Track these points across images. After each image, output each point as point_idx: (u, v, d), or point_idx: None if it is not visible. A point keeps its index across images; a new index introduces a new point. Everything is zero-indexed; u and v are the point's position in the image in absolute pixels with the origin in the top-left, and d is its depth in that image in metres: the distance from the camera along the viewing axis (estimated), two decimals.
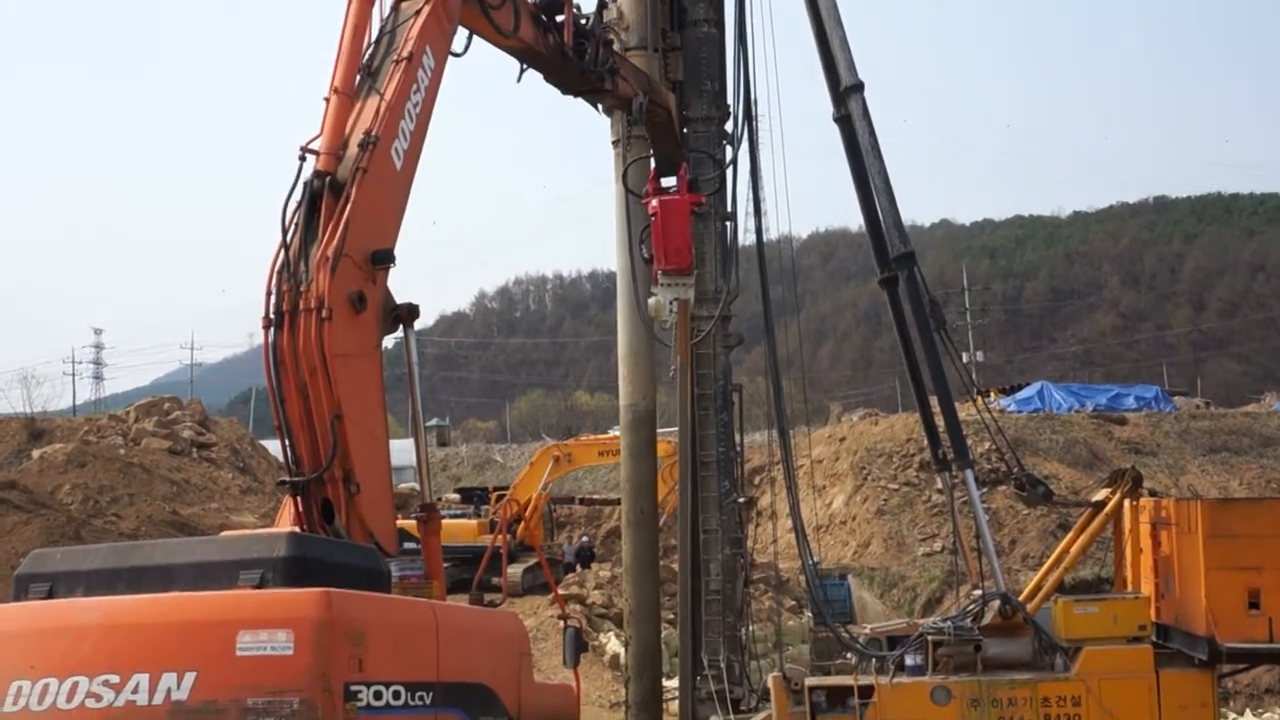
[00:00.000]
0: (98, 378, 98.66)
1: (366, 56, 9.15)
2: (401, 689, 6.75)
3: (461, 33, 10.26)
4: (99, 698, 6.36)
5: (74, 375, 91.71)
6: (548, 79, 12.91)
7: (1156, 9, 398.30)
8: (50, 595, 7.04)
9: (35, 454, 35.80)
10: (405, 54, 9.05)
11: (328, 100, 8.73)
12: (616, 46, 14.62)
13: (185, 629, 6.47)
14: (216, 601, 6.59)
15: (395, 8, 9.59)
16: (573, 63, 12.64)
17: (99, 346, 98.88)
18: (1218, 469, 43.54)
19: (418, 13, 9.39)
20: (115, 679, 6.38)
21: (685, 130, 16.80)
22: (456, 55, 10.04)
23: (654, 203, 13.01)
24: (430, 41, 9.35)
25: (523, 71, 12.38)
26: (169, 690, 6.30)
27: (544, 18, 12.10)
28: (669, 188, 13.42)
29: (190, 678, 6.31)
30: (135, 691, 6.32)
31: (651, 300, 13.22)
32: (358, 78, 8.99)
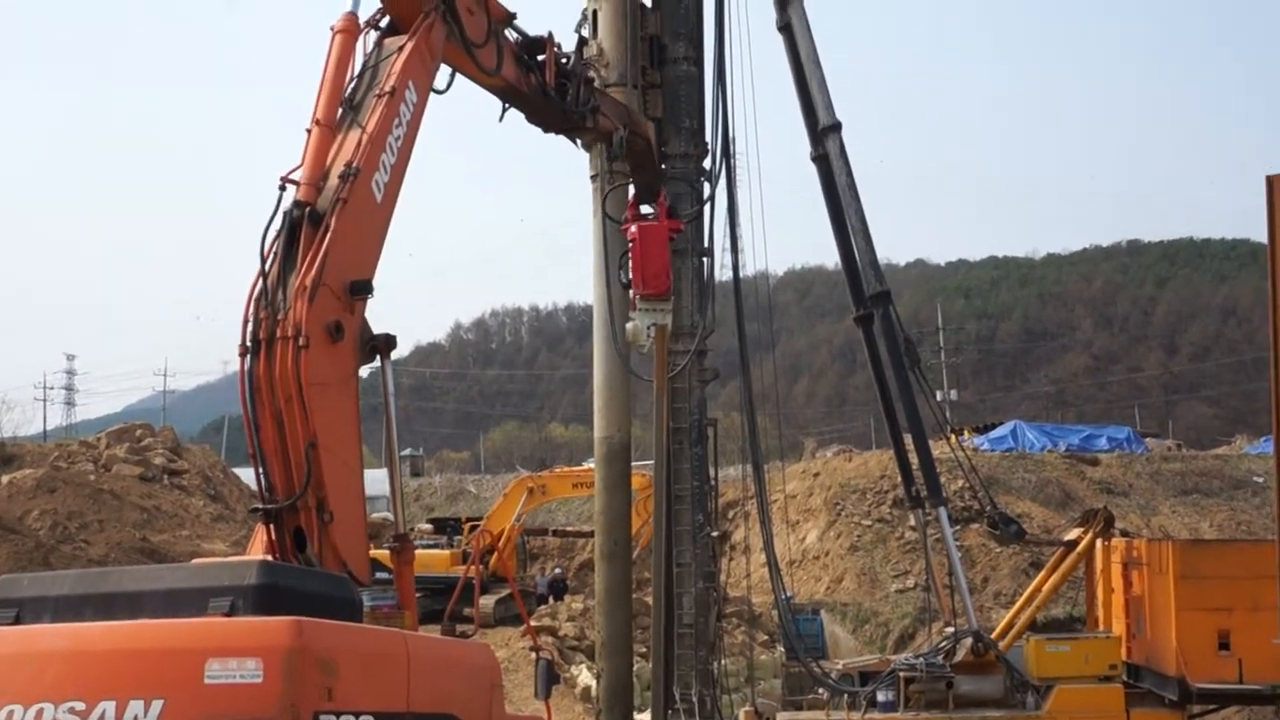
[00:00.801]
0: (69, 403, 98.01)
1: (349, 90, 9.20)
2: (371, 719, 6.73)
3: (445, 70, 10.33)
4: None
5: (45, 400, 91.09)
6: (530, 119, 12.99)
7: (1132, 58, 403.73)
8: (17, 621, 6.98)
9: (5, 479, 35.47)
10: (388, 88, 9.11)
11: (309, 131, 8.77)
12: (596, 83, 14.73)
13: (153, 656, 6.43)
14: (185, 629, 6.55)
15: (379, 43, 9.66)
16: (554, 102, 12.73)
17: (71, 372, 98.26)
18: (1189, 510, 43.80)
19: (401, 48, 9.46)
20: (81, 706, 6.33)
21: (664, 166, 16.92)
22: (439, 92, 10.10)
23: (633, 229, 13.11)
24: (413, 77, 9.41)
25: (505, 111, 12.46)
26: (135, 718, 6.25)
27: (526, 57, 12.18)
28: (648, 215, 13.52)
29: (157, 706, 6.26)
30: (101, 719, 6.28)
31: (629, 325, 13.28)
32: (340, 110, 9.05)
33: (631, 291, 13.24)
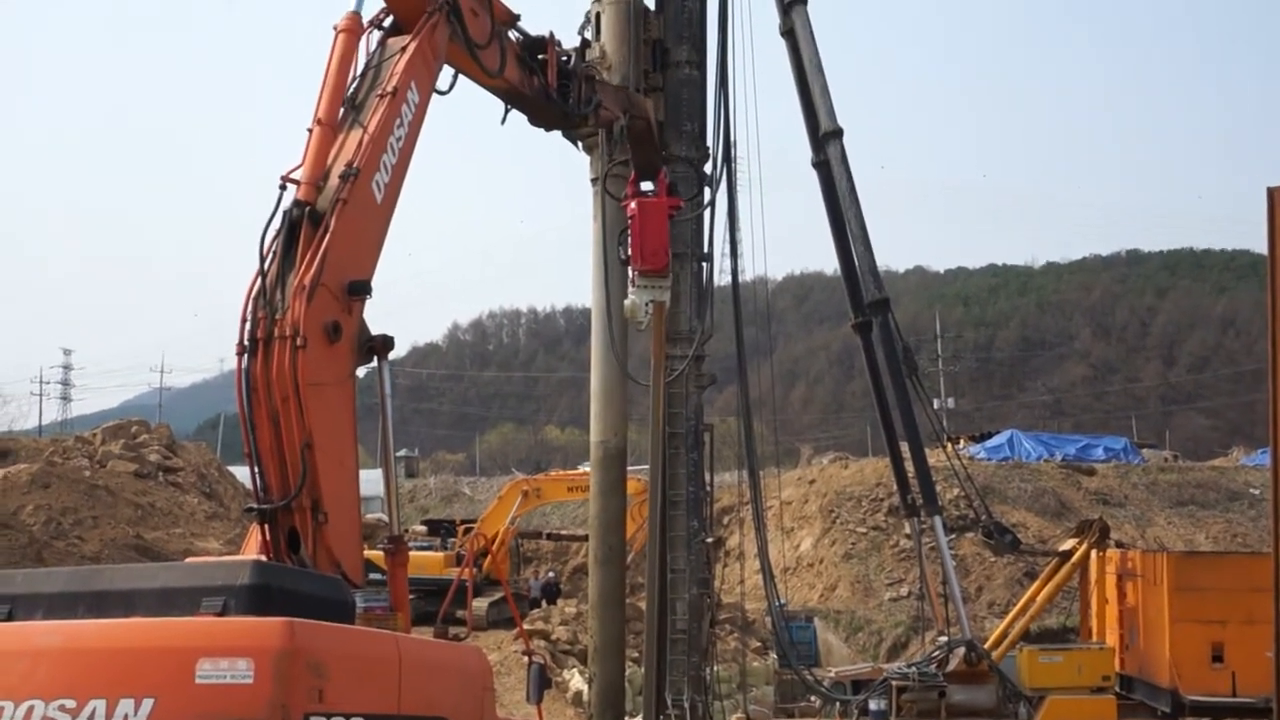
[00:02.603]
0: (65, 398, 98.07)
1: (351, 90, 9.18)
2: None
3: (447, 71, 10.32)
4: None
5: (41, 395, 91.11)
6: (532, 121, 12.96)
7: (1132, 65, 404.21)
8: (10, 618, 6.96)
9: None
10: (390, 89, 9.09)
11: (310, 131, 8.74)
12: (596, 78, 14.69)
13: (144, 655, 6.40)
14: (177, 628, 6.53)
15: (382, 43, 9.65)
16: (557, 104, 12.70)
17: (68, 367, 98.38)
18: (1184, 522, 43.83)
19: (404, 49, 9.44)
20: (71, 704, 6.31)
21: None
22: (441, 93, 10.08)
23: (632, 205, 13.08)
24: (415, 77, 9.40)
25: (507, 112, 12.43)
26: (125, 716, 6.22)
27: (528, 58, 12.15)
28: (648, 192, 13.51)
29: (148, 704, 6.24)
30: (91, 717, 6.26)
31: (627, 302, 13.23)
32: (341, 110, 9.02)
33: (630, 268, 13.20)
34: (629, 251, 13.14)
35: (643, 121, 15.40)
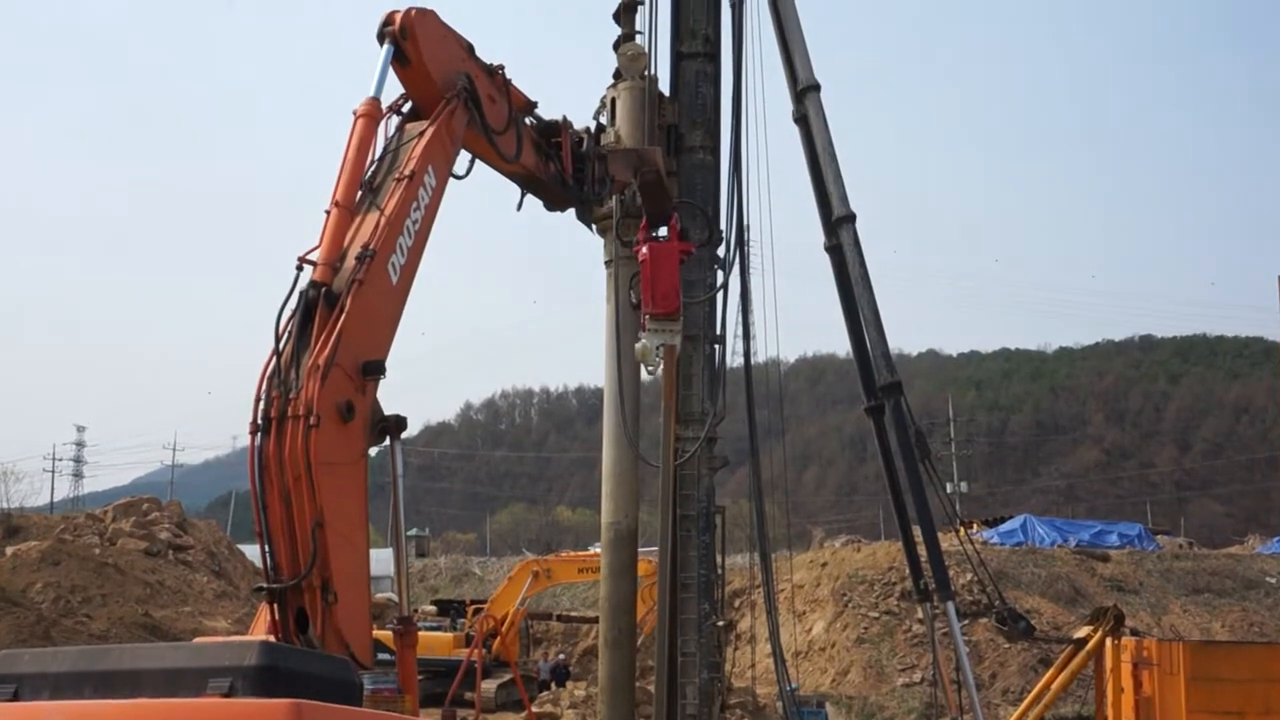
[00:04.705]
0: (77, 475, 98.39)
1: (369, 173, 9.32)
2: None
3: (464, 156, 10.45)
4: None
5: (53, 472, 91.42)
6: (548, 206, 13.05)
7: (1145, 152, 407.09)
8: (15, 697, 6.93)
9: (9, 550, 35.41)
10: (408, 172, 9.22)
11: (328, 213, 8.84)
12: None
13: None
14: (183, 710, 6.48)
15: (400, 128, 9.82)
16: (573, 190, 12.80)
17: (80, 444, 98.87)
18: (1200, 610, 43.34)
19: (422, 133, 9.60)
20: None
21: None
22: (459, 178, 10.20)
23: (644, 249, 13.15)
24: (433, 161, 9.54)
25: (523, 198, 12.53)
26: None
27: (544, 143, 12.26)
28: (660, 238, 13.60)
29: None
30: None
31: (638, 345, 13.25)
32: (359, 193, 9.14)
33: (641, 312, 13.26)
34: (640, 295, 13.23)
35: (653, 174, 15.44)
